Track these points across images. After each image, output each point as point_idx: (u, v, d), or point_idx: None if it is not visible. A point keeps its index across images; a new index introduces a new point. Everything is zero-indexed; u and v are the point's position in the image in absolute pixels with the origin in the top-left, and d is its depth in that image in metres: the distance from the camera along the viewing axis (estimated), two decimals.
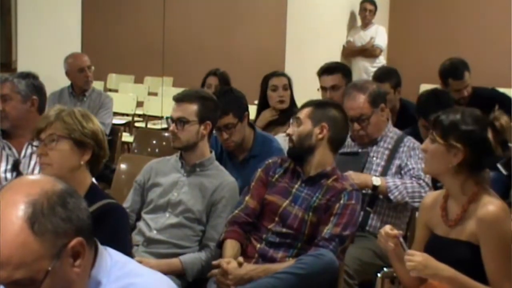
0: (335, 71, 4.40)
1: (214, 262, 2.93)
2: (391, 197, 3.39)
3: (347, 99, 3.64)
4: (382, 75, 4.75)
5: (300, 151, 3.05)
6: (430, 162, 2.55)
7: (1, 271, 1.33)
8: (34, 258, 1.34)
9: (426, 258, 2.45)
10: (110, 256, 1.51)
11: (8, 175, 3.33)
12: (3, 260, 1.33)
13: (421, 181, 3.40)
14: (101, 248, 1.51)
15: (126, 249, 2.54)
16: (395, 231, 2.55)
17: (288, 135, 3.10)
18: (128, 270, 1.51)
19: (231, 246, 3.01)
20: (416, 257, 2.44)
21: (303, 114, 3.07)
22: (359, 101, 3.57)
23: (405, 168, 3.48)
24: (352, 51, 8.44)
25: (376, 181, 3.39)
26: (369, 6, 8.43)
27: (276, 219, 3.05)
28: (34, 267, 1.35)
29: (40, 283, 1.35)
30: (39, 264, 1.35)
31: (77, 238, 1.39)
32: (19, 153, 3.38)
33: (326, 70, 4.41)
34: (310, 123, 3.04)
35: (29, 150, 3.37)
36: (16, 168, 3.34)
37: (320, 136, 3.04)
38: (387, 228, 2.57)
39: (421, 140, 3.61)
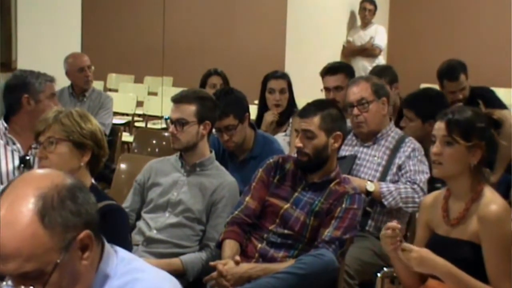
0: (338, 72, 4.39)
1: (211, 263, 2.93)
2: (385, 202, 3.40)
3: (351, 86, 3.67)
4: (377, 72, 4.79)
5: (317, 164, 3.05)
6: (449, 165, 2.50)
7: (11, 262, 1.35)
8: (44, 251, 1.36)
9: (421, 256, 2.44)
10: (116, 253, 1.54)
11: (17, 173, 3.32)
12: (13, 252, 1.35)
13: (415, 186, 3.41)
14: (107, 244, 1.53)
15: (126, 250, 2.54)
16: (395, 224, 2.53)
17: (298, 148, 3.04)
18: (133, 266, 1.53)
19: (229, 246, 3.00)
20: (413, 253, 2.44)
21: (313, 125, 3.02)
22: (363, 86, 3.62)
23: (402, 170, 3.48)
24: (351, 51, 8.44)
25: (370, 186, 3.40)
26: (369, 6, 8.44)
27: (277, 220, 3.05)
28: (43, 259, 1.37)
29: (49, 275, 1.37)
30: (49, 256, 1.37)
31: (85, 231, 1.42)
32: (25, 148, 3.37)
33: (329, 71, 4.41)
34: (324, 134, 3.02)
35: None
36: (24, 163, 3.32)
37: (336, 145, 3.06)
38: (390, 227, 2.55)
39: (419, 141, 3.62)
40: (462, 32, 8.75)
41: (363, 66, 8.13)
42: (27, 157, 3.32)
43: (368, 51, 8.34)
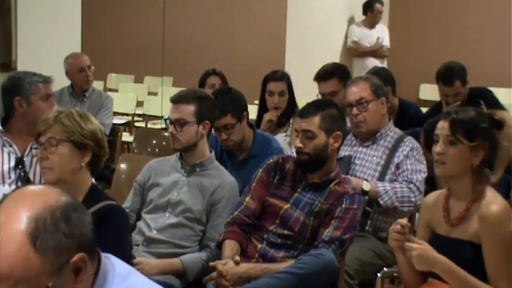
0: (331, 77, 4.36)
1: (211, 264, 2.93)
2: (381, 202, 3.40)
3: (350, 86, 3.68)
4: (372, 74, 4.75)
5: (317, 164, 3.05)
6: (451, 164, 2.50)
7: (1, 285, 1.31)
8: (35, 274, 1.32)
9: (421, 253, 2.45)
10: (112, 267, 1.49)
11: (12, 174, 3.32)
12: (3, 274, 1.31)
13: (411, 185, 3.41)
14: (104, 259, 1.48)
15: (126, 250, 2.54)
16: (404, 221, 2.53)
17: (298, 148, 3.05)
18: (129, 284, 1.49)
19: (230, 246, 3.01)
20: (413, 252, 2.45)
21: (313, 125, 3.03)
22: (362, 86, 3.63)
23: (400, 169, 3.49)
24: (361, 52, 8.37)
25: (366, 186, 3.40)
26: (380, 7, 8.39)
27: (277, 221, 3.05)
28: (34, 282, 1.33)
29: None
30: (40, 280, 1.33)
31: (79, 254, 1.37)
32: (21, 151, 3.37)
33: (322, 77, 4.39)
34: (324, 134, 3.03)
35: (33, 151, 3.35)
36: (20, 165, 3.32)
37: (336, 145, 3.06)
38: (398, 226, 2.54)
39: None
40: (462, 32, 8.74)
41: (372, 66, 8.02)
42: (24, 159, 3.33)
43: (378, 52, 8.31)
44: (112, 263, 1.50)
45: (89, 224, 1.41)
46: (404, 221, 2.52)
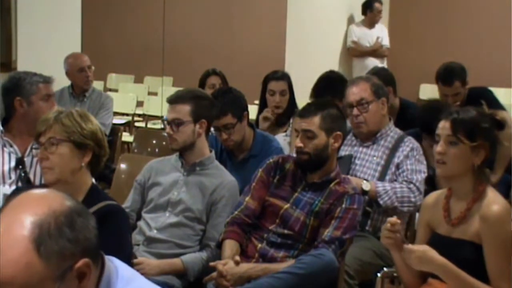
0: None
1: (211, 264, 2.94)
2: (381, 202, 3.40)
3: (351, 87, 3.67)
4: (372, 74, 4.74)
5: (317, 163, 3.05)
6: (452, 164, 2.50)
7: None
8: (38, 280, 1.32)
9: (421, 255, 2.45)
10: (116, 270, 1.48)
11: (13, 175, 3.32)
12: (7, 280, 1.31)
13: (411, 185, 3.42)
14: (107, 263, 1.47)
15: (127, 250, 2.54)
16: (394, 219, 2.55)
17: (298, 148, 3.04)
18: (132, 287, 1.48)
19: (230, 246, 3.01)
20: (412, 254, 2.45)
21: (313, 125, 3.02)
22: (362, 87, 3.63)
23: (400, 169, 3.49)
24: (361, 52, 8.37)
25: (366, 186, 3.40)
26: (379, 6, 8.39)
27: (277, 220, 3.05)
28: None
29: None
30: (43, 285, 1.32)
31: (83, 260, 1.36)
32: (22, 151, 3.37)
33: (315, 97, 4.38)
34: (324, 134, 3.03)
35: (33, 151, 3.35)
36: (21, 165, 3.32)
37: (336, 145, 3.06)
38: (388, 224, 2.56)
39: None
40: (462, 32, 8.75)
41: (372, 66, 8.01)
42: (24, 159, 3.33)
43: (378, 52, 8.30)
44: (116, 266, 1.49)
45: (94, 228, 1.40)
46: (393, 219, 2.54)
